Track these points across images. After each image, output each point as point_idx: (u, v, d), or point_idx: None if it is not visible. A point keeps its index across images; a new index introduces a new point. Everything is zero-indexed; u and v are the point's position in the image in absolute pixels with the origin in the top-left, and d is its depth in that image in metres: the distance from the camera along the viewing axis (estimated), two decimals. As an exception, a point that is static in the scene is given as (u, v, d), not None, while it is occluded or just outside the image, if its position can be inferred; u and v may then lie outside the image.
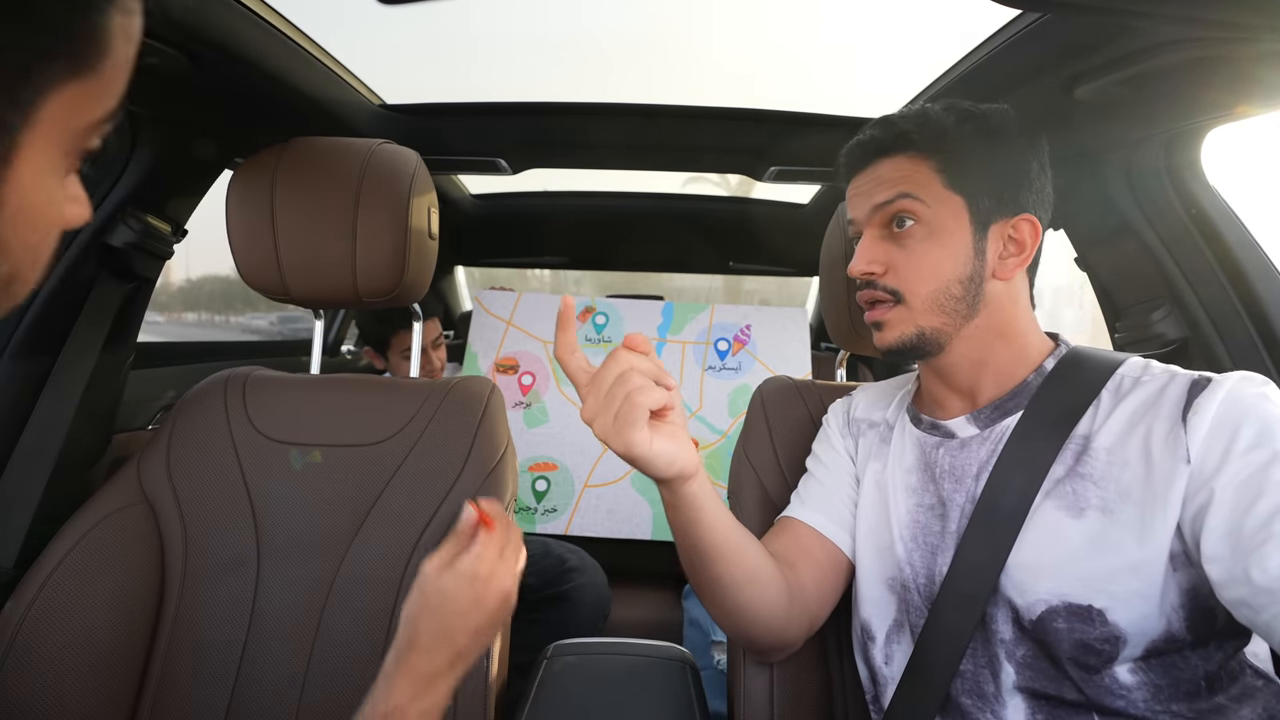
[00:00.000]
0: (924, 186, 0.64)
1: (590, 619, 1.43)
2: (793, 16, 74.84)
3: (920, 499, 0.67)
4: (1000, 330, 0.66)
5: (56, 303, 0.90)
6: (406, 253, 0.88)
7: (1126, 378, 0.61)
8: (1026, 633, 0.58)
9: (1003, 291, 0.65)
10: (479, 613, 0.49)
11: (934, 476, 0.67)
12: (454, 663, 0.49)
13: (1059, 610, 0.55)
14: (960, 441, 0.66)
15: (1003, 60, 0.84)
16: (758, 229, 1.94)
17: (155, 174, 0.96)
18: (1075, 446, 0.59)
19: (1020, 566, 0.58)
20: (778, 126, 1.25)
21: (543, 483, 1.66)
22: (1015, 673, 0.58)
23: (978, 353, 0.66)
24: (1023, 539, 0.59)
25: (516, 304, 1.80)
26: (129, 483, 0.84)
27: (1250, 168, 0.95)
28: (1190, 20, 0.51)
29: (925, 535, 0.66)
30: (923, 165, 0.64)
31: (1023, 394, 0.65)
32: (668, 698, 0.79)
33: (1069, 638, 0.55)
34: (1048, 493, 0.59)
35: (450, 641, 0.49)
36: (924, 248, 0.64)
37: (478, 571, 0.49)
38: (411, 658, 0.49)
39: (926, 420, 0.71)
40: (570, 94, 1.80)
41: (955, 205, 0.64)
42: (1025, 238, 0.64)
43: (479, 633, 0.50)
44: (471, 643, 0.50)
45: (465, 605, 0.49)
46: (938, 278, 0.64)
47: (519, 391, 1.72)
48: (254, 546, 0.84)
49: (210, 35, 0.74)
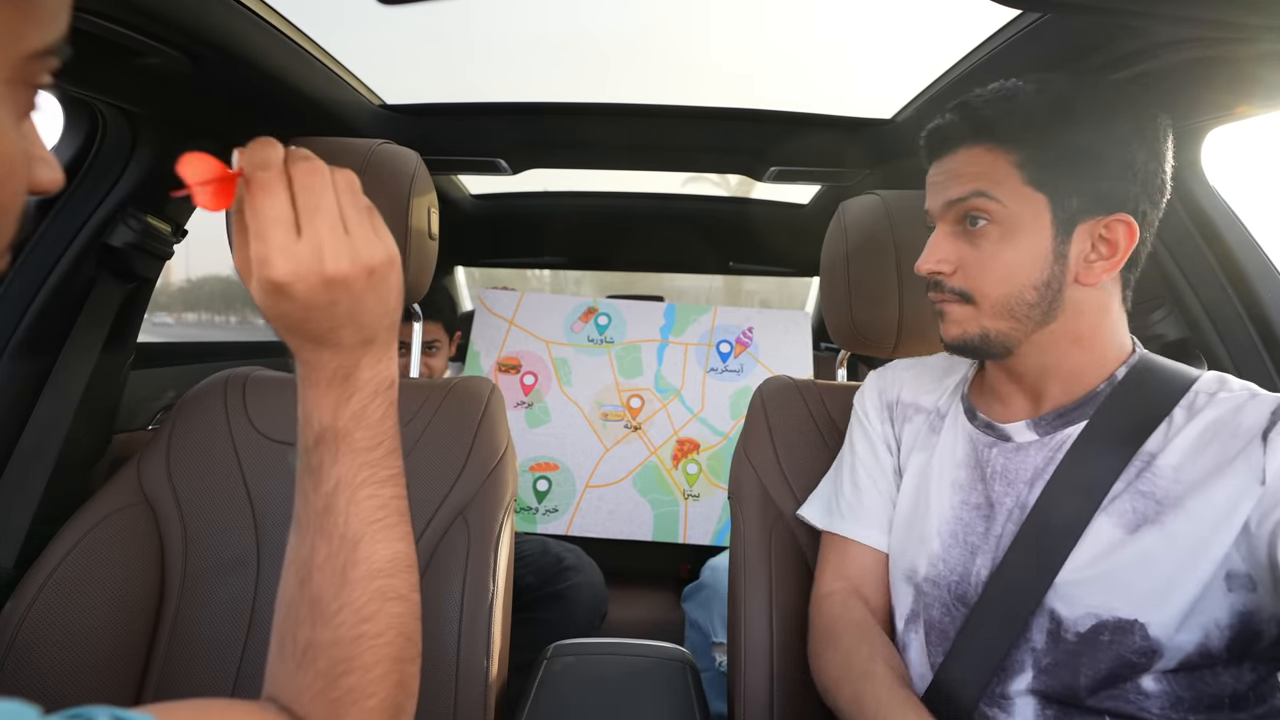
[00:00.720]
0: (1001, 183, 0.58)
1: (587, 618, 1.43)
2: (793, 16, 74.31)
3: (966, 497, 0.65)
4: (1078, 336, 0.61)
5: (56, 303, 0.90)
6: (406, 253, 0.88)
7: (1201, 393, 0.57)
8: (1063, 643, 0.56)
9: (1087, 296, 0.59)
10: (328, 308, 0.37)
11: (984, 476, 0.64)
12: (358, 352, 0.39)
13: (1107, 624, 0.54)
14: (1016, 445, 0.63)
15: (1003, 60, 0.84)
16: (758, 229, 1.94)
17: (155, 174, 0.96)
18: (1139, 463, 0.57)
19: (1069, 580, 0.56)
20: (777, 127, 1.25)
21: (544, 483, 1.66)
22: (1034, 677, 0.57)
23: (1049, 358, 0.62)
24: (1074, 551, 0.57)
25: (519, 304, 1.79)
26: (129, 483, 0.84)
27: (1250, 168, 0.95)
28: (1190, 20, 0.51)
29: (967, 534, 0.64)
30: (1002, 159, 0.58)
31: (1090, 403, 0.60)
32: (668, 698, 0.79)
33: (1109, 650, 0.54)
34: (1105, 509, 0.57)
35: (328, 342, 0.38)
36: (997, 249, 0.59)
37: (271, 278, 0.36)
38: (302, 370, 0.40)
39: (982, 418, 0.67)
40: (570, 94, 1.81)
41: (1036, 204, 0.58)
42: (1119, 239, 0.57)
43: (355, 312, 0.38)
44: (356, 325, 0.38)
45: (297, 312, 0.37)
46: (1010, 282, 0.59)
47: (521, 391, 1.72)
48: (254, 547, 0.84)
49: (210, 35, 0.74)
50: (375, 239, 0.39)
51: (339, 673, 0.38)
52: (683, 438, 1.69)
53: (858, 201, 0.92)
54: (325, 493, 0.40)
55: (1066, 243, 0.58)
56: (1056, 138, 0.57)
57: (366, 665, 0.39)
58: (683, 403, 1.71)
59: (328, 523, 0.40)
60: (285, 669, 0.39)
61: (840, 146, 1.25)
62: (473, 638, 0.78)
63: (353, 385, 0.40)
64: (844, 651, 0.66)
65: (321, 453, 0.40)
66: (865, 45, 39.63)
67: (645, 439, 1.69)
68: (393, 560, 0.41)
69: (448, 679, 0.76)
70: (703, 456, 1.68)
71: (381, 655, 0.39)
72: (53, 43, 0.29)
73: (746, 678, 0.78)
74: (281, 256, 0.35)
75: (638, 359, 1.74)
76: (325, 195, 0.37)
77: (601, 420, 1.70)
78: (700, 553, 1.68)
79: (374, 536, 0.40)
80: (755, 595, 0.82)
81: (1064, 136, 0.57)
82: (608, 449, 1.68)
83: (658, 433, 1.69)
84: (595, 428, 1.69)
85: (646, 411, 1.71)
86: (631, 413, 1.71)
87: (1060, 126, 0.57)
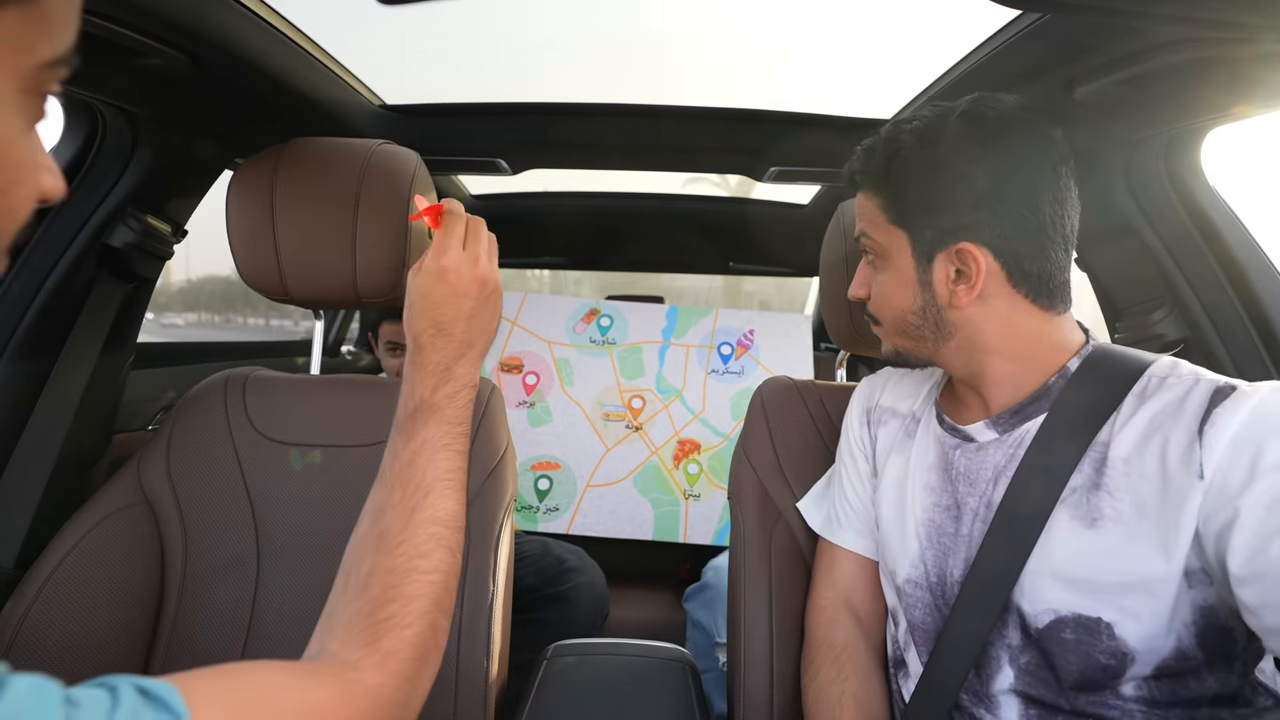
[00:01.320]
0: (874, 223, 0.66)
1: (588, 619, 1.43)
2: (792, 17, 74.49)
3: (938, 499, 0.67)
4: (989, 348, 0.63)
5: (56, 303, 0.90)
6: (406, 253, 0.88)
7: (1154, 378, 0.57)
8: (1032, 641, 0.57)
9: (976, 314, 0.62)
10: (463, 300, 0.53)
11: (951, 478, 0.67)
12: (462, 350, 0.53)
13: (1067, 621, 0.55)
14: (977, 445, 0.65)
15: (1003, 61, 0.84)
16: (758, 229, 1.94)
17: (155, 174, 0.96)
18: (1096, 454, 0.57)
19: (1031, 574, 0.57)
20: (777, 127, 1.25)
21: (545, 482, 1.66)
22: (1014, 676, 0.58)
23: (973, 366, 0.65)
24: (1039, 544, 0.58)
25: (522, 304, 1.80)
26: (129, 483, 0.84)
27: (1250, 168, 0.95)
28: (1190, 20, 0.51)
29: (939, 535, 0.66)
30: (872, 201, 0.66)
31: (1045, 397, 0.62)
32: (668, 698, 0.79)
33: (1076, 650, 0.54)
34: (1064, 501, 0.57)
35: (447, 332, 0.53)
36: (881, 279, 0.67)
37: (444, 266, 0.53)
38: (418, 357, 0.53)
39: (948, 421, 0.70)
40: (570, 94, 1.80)
41: (900, 239, 0.64)
42: (969, 265, 0.60)
43: (473, 317, 0.53)
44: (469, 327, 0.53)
45: (444, 296, 0.52)
46: (893, 308, 0.67)
47: (523, 391, 1.73)
48: (254, 547, 0.84)
49: (210, 35, 0.74)
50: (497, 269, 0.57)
51: (388, 598, 0.45)
52: (684, 438, 1.69)
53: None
54: (412, 449, 0.50)
55: (929, 271, 0.63)
56: (906, 180, 0.63)
57: (410, 596, 0.45)
58: (684, 403, 1.72)
59: (408, 473, 0.49)
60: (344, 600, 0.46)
61: (840, 147, 1.25)
62: (472, 638, 0.78)
63: (450, 374, 0.53)
64: (820, 683, 0.71)
65: (416, 418, 0.51)
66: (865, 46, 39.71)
67: (646, 439, 1.69)
68: (452, 515, 0.50)
69: (447, 679, 0.76)
70: (703, 457, 1.68)
71: (425, 591, 0.46)
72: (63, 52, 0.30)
73: (746, 678, 0.78)
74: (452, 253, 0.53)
75: (639, 360, 1.74)
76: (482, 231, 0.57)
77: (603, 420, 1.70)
78: (700, 553, 1.68)
79: (441, 490, 0.49)
80: (755, 595, 0.82)
81: (910, 177, 0.63)
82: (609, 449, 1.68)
83: (659, 433, 1.70)
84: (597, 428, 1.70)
85: (648, 412, 1.71)
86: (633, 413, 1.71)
87: (906, 171, 0.63)
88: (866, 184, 0.67)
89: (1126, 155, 0.97)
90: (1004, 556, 0.59)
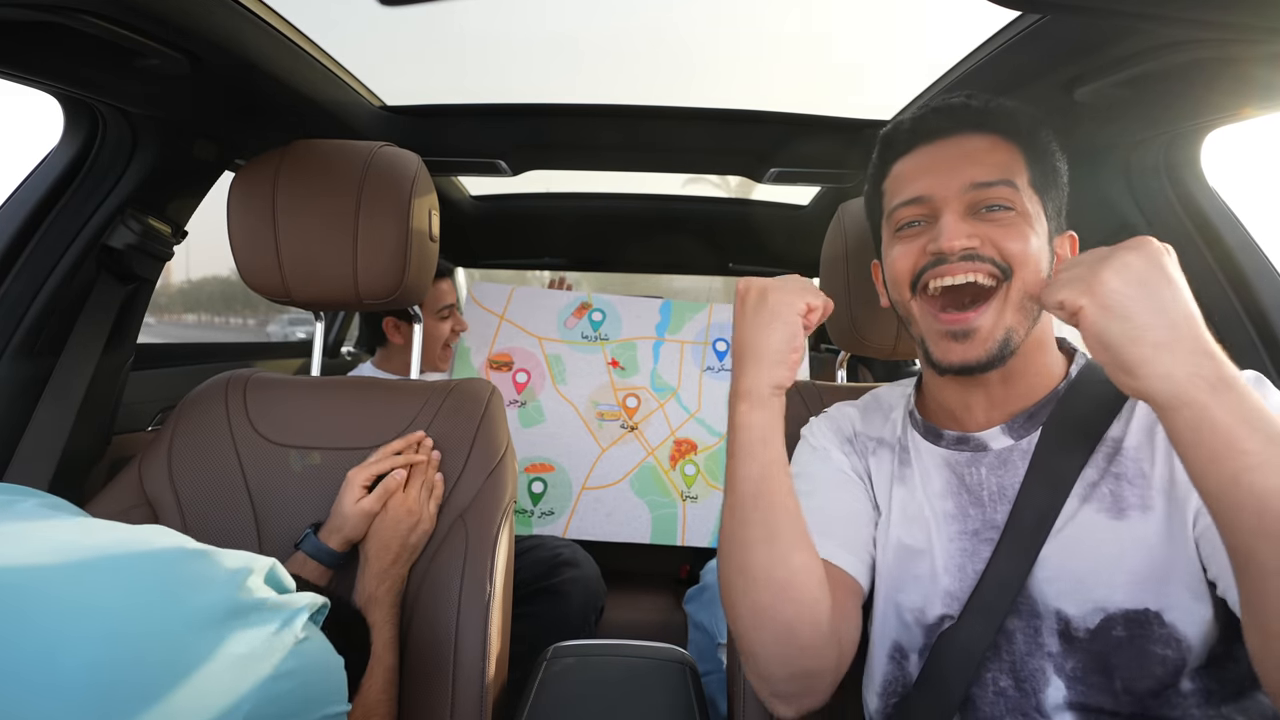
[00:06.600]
0: (1020, 177, 0.60)
1: (582, 614, 1.41)
2: (792, 18, 74.50)
3: (963, 525, 0.62)
4: (1040, 340, 0.63)
5: (56, 304, 0.90)
6: (407, 255, 0.88)
7: None
8: (1079, 644, 0.56)
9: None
10: (399, 526, 0.80)
11: (980, 500, 0.62)
12: (398, 557, 0.80)
13: (1117, 618, 0.54)
14: (997, 455, 0.63)
15: (1003, 61, 0.84)
16: (757, 230, 1.93)
17: (155, 175, 0.96)
18: (1107, 449, 0.58)
19: (1065, 574, 0.56)
20: (777, 128, 1.25)
21: (539, 484, 1.62)
22: (1066, 687, 0.56)
23: (1022, 362, 0.62)
24: (1062, 545, 0.57)
25: (510, 298, 1.73)
26: (130, 485, 0.84)
27: (1250, 169, 0.95)
28: (1190, 22, 0.51)
29: (972, 563, 0.61)
30: (1019, 156, 0.61)
31: (1052, 400, 0.63)
32: (668, 699, 0.79)
33: (1130, 647, 0.53)
34: (1085, 497, 0.57)
35: (388, 548, 0.79)
36: (1025, 231, 0.59)
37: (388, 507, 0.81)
38: (369, 566, 0.79)
39: (950, 435, 0.66)
40: (570, 95, 1.81)
41: (1038, 206, 0.61)
42: (1068, 255, 0.64)
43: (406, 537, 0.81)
44: (402, 545, 0.80)
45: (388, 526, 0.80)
46: (1040, 265, 0.59)
47: (513, 389, 1.67)
48: (256, 548, 0.83)
49: (210, 36, 0.74)
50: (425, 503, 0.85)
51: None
52: (680, 438, 1.67)
53: (857, 203, 0.92)
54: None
55: (1050, 247, 0.62)
56: (1047, 151, 0.62)
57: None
58: (679, 402, 1.69)
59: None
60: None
61: (840, 148, 1.25)
62: (469, 640, 0.78)
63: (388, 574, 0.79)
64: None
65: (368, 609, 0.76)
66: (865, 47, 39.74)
67: (642, 439, 1.67)
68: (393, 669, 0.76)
69: (444, 679, 0.76)
70: (700, 457, 1.66)
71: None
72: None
73: (746, 678, 0.78)
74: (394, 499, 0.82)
75: (634, 357, 1.71)
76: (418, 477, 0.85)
77: (597, 420, 1.66)
78: (700, 554, 1.67)
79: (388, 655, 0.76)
80: None
81: (1049, 150, 0.63)
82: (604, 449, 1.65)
83: (655, 433, 1.67)
84: (591, 427, 1.66)
85: (643, 411, 1.68)
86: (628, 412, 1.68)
87: (1048, 143, 0.63)
88: (1020, 135, 0.61)
89: (1126, 156, 0.97)
90: (1012, 561, 0.58)
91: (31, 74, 0.77)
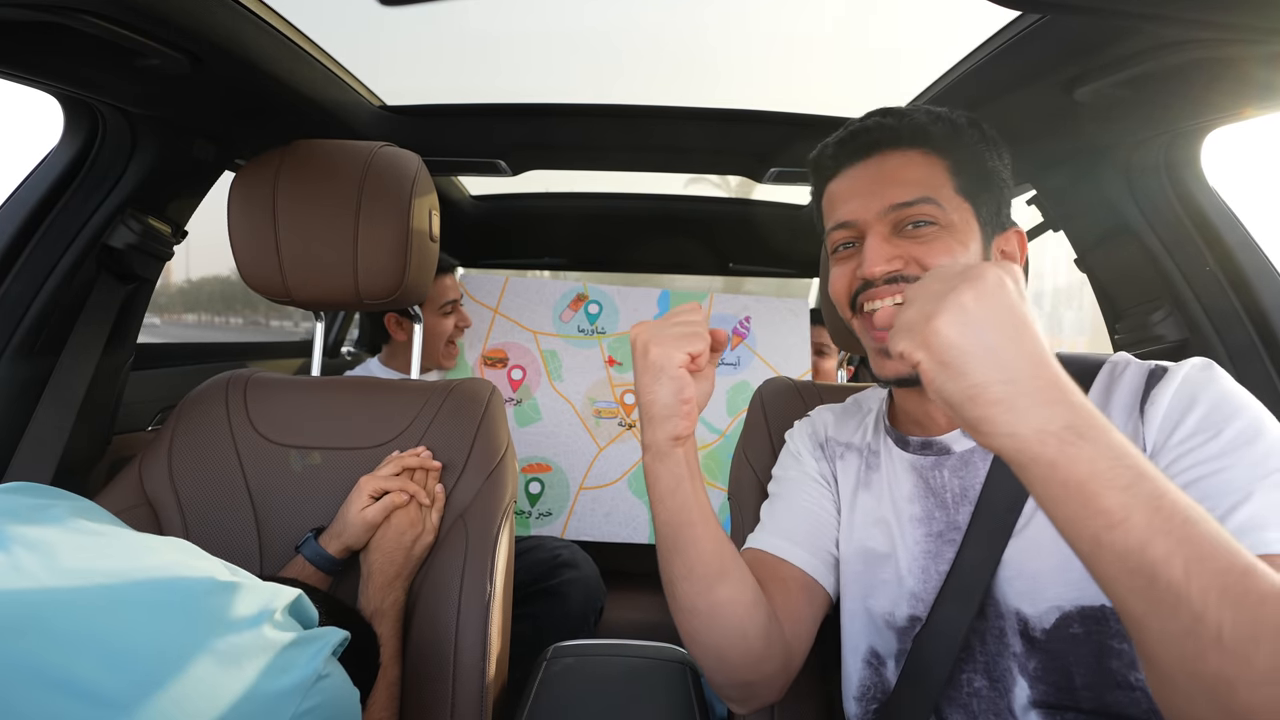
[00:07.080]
0: (941, 189, 0.60)
1: (581, 614, 1.41)
2: (792, 18, 74.69)
3: (928, 528, 0.64)
4: None
5: (56, 304, 0.90)
6: (408, 255, 0.88)
7: (1117, 367, 0.60)
8: (1038, 644, 0.56)
9: None
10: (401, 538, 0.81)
11: (944, 503, 0.63)
12: (399, 571, 0.80)
13: (1073, 615, 0.54)
14: (960, 457, 0.63)
15: (1003, 61, 0.84)
16: (758, 230, 1.93)
17: (155, 175, 0.96)
18: None
19: (1024, 574, 0.57)
20: (777, 128, 1.25)
21: (536, 485, 1.60)
22: (1029, 686, 0.56)
23: None
24: (1023, 545, 0.57)
25: (504, 290, 1.67)
26: (131, 485, 0.84)
27: (1250, 169, 0.95)
28: (1190, 22, 0.51)
29: (936, 564, 0.62)
30: (938, 166, 0.61)
31: None
32: (668, 699, 0.79)
33: (1088, 644, 0.54)
34: None
35: (392, 560, 0.80)
36: (950, 245, 0.60)
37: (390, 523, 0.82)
38: (372, 580, 0.79)
39: (915, 441, 0.67)
40: (570, 95, 1.81)
41: (966, 213, 0.61)
42: (1014, 250, 0.64)
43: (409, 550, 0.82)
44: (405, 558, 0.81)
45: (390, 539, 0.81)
46: None
47: (508, 387, 1.64)
48: (256, 548, 0.83)
49: (210, 36, 0.74)
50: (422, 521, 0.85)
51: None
52: None
53: None
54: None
55: (988, 252, 0.62)
56: (975, 152, 0.62)
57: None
58: None
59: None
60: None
61: None
62: (469, 640, 0.78)
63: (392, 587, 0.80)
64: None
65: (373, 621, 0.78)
66: (866, 47, 39.75)
67: (640, 438, 1.65)
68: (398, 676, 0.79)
69: (444, 680, 0.76)
70: (699, 455, 1.65)
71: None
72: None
73: None
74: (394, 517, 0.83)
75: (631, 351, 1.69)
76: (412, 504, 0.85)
77: (594, 418, 1.63)
78: (700, 554, 1.66)
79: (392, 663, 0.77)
80: None
81: (978, 151, 0.62)
82: (601, 448, 1.62)
83: None
84: (588, 426, 1.63)
85: None
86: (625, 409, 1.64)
87: (976, 144, 0.62)
88: (940, 143, 0.61)
89: (1126, 156, 0.97)
90: (982, 549, 0.59)
91: (32, 74, 0.77)
